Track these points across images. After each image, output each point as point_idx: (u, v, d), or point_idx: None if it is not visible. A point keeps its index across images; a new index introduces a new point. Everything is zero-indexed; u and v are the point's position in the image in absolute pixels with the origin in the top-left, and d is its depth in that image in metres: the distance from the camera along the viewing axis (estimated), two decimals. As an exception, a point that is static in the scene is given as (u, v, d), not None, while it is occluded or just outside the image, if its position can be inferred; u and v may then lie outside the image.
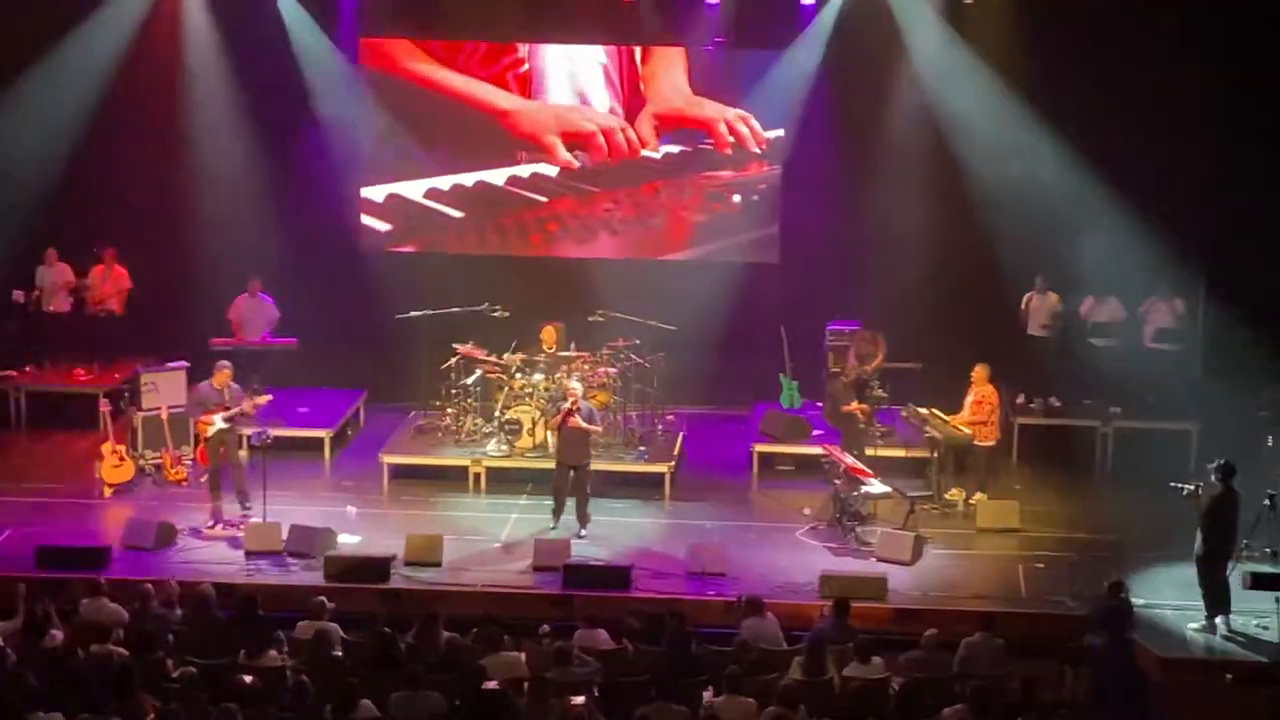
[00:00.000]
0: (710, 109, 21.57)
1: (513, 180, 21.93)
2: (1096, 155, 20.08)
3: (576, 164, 21.79)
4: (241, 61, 21.36)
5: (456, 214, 21.93)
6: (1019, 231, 20.22)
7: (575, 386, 17.69)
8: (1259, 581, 14.55)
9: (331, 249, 21.65)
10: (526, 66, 21.76)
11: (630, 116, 21.75)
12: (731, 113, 21.54)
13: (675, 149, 21.75)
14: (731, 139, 21.56)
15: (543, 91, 21.80)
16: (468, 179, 21.96)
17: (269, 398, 17.86)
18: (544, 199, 21.92)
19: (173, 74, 21.47)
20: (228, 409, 17.28)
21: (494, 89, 21.77)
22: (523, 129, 21.83)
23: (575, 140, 21.80)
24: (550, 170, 21.85)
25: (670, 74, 21.63)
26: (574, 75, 21.72)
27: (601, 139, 21.71)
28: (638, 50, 21.62)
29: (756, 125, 21.54)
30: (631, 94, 21.75)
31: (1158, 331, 20.29)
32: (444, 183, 21.98)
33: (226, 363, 17.77)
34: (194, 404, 17.67)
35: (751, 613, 14.16)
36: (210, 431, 17.34)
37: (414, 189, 22.02)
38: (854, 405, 18.74)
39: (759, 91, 21.41)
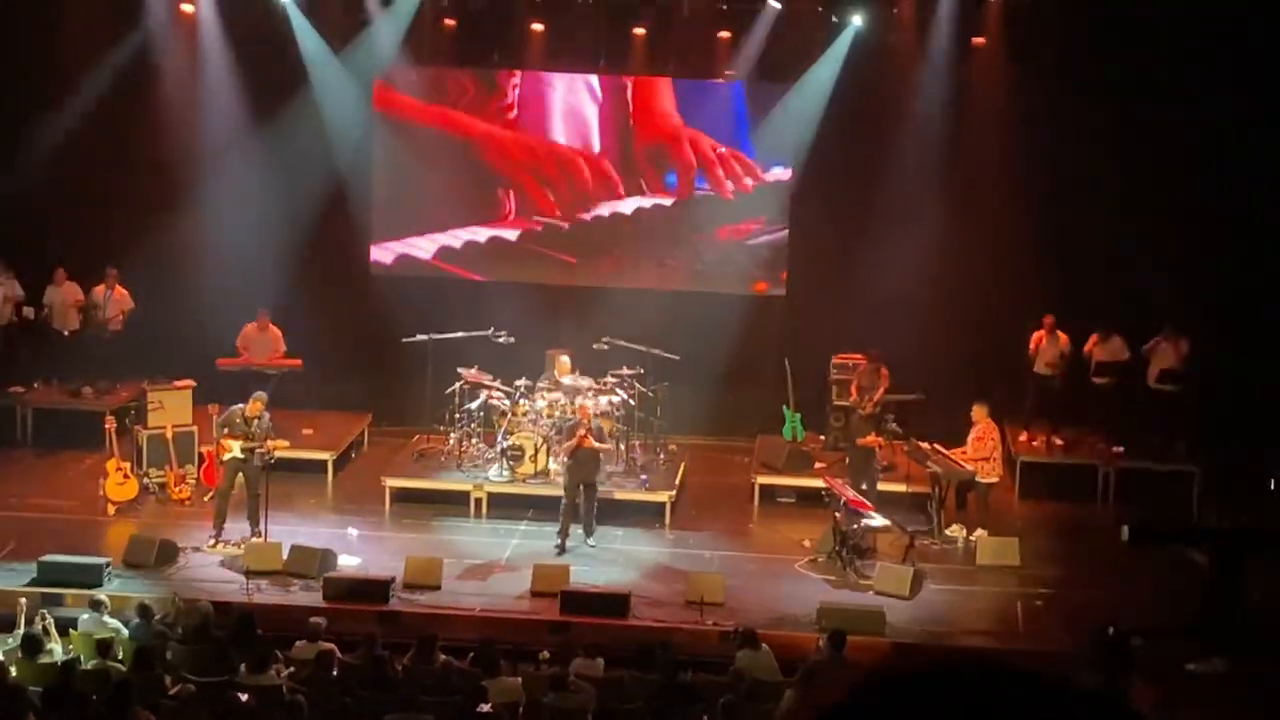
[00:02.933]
0: (704, 145, 21.66)
1: (526, 236, 21.96)
2: (1108, 191, 20.14)
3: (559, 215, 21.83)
4: (259, 91, 21.45)
5: (474, 278, 22.00)
6: (1028, 267, 20.25)
7: (588, 405, 17.85)
8: (1136, 535, 14.59)
9: (340, 271, 21.72)
10: (515, 113, 21.84)
11: (621, 149, 21.80)
12: (722, 150, 21.61)
13: (670, 200, 21.81)
14: (729, 181, 21.65)
15: (537, 131, 21.90)
16: (482, 234, 21.96)
17: (286, 445, 17.87)
18: (560, 256, 21.96)
19: (190, 100, 21.62)
20: (250, 439, 17.31)
21: (488, 125, 21.92)
22: (513, 159, 21.92)
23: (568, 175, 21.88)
24: (563, 223, 21.90)
25: (660, 105, 21.72)
26: (565, 113, 21.79)
27: (587, 170, 21.80)
28: (629, 84, 21.71)
29: (749, 162, 21.62)
30: (622, 127, 21.80)
31: (1161, 372, 20.25)
32: (456, 240, 22.00)
33: (264, 395, 17.77)
34: (221, 424, 17.70)
35: (745, 644, 14.19)
36: (226, 456, 17.39)
37: (425, 247, 22.03)
38: (870, 438, 18.78)
39: (767, 124, 21.49)
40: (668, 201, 21.83)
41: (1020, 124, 20.45)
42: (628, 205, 21.87)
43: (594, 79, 21.83)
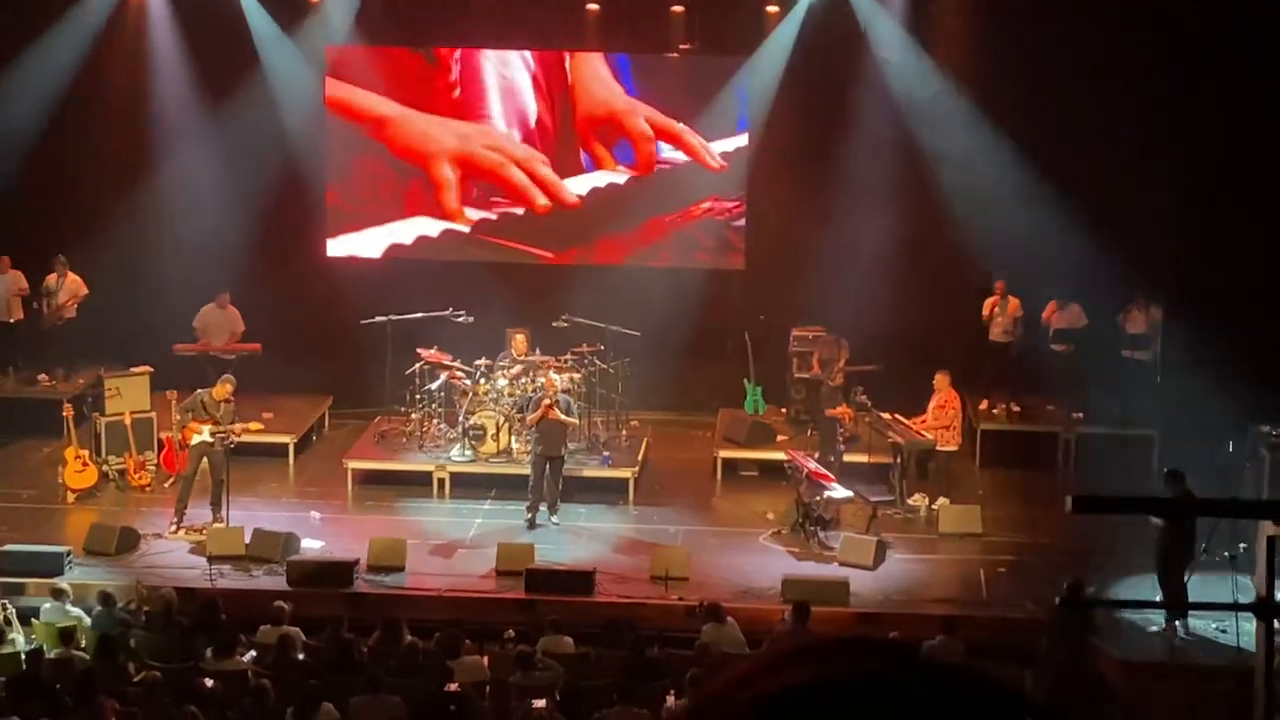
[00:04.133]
0: (657, 117, 21.48)
1: (480, 226, 21.75)
2: (1062, 161, 20.16)
3: (454, 205, 21.34)
4: (207, 71, 21.26)
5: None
6: (983, 236, 20.27)
7: (554, 379, 17.88)
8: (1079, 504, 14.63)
9: (296, 255, 21.58)
10: (459, 91, 21.64)
11: (563, 129, 21.62)
12: (678, 126, 21.47)
13: (623, 178, 21.62)
14: (686, 155, 21.47)
15: (478, 112, 21.62)
16: (434, 228, 21.77)
17: (259, 427, 17.81)
18: (516, 245, 21.73)
19: (137, 83, 21.40)
20: (218, 423, 17.21)
21: (379, 98, 21.48)
22: (401, 145, 21.50)
23: (479, 175, 21.56)
24: (516, 209, 21.67)
25: (603, 79, 21.55)
26: (506, 91, 21.58)
27: (515, 172, 21.46)
28: (566, 58, 21.55)
29: (702, 141, 21.44)
30: (563, 105, 21.52)
31: (1129, 337, 20.31)
32: (407, 235, 21.76)
33: (231, 378, 17.72)
34: (185, 409, 17.58)
35: (710, 618, 14.23)
36: (194, 440, 17.29)
37: (374, 246, 21.84)
38: (840, 409, 18.85)
39: (722, 98, 21.40)
40: (621, 179, 21.67)
41: (977, 91, 20.42)
42: (582, 184, 21.68)
43: (530, 55, 21.55)
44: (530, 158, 21.46)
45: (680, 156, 21.47)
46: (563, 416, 17.74)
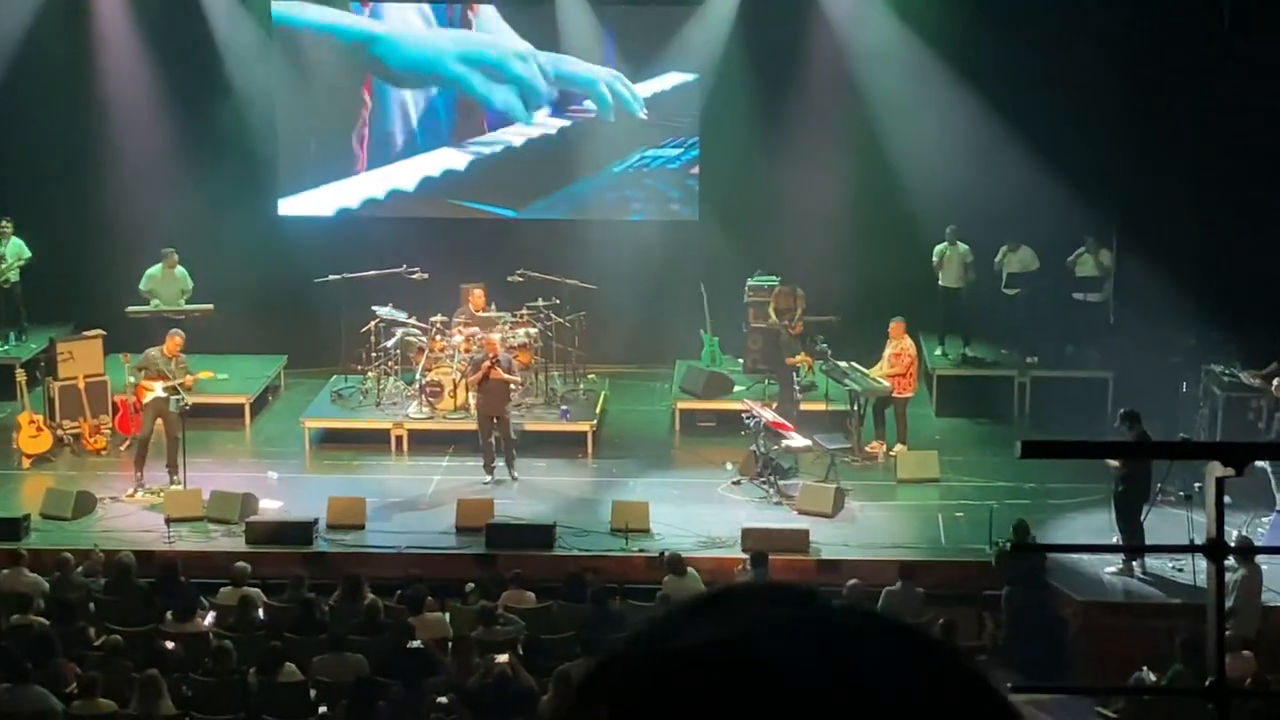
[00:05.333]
0: (584, 68, 21.38)
1: (425, 185, 21.56)
2: (1010, 106, 20.17)
3: None
4: (153, 26, 21.03)
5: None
6: (933, 183, 20.27)
7: (494, 338, 17.83)
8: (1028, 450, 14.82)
9: (247, 213, 21.40)
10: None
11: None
12: (604, 72, 21.38)
13: (563, 122, 21.52)
14: (612, 101, 21.34)
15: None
16: (379, 188, 21.52)
17: (210, 375, 17.73)
18: (462, 200, 21.67)
19: (82, 41, 21.17)
20: (170, 378, 17.12)
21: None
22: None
23: None
24: (458, 166, 21.56)
25: (507, 32, 21.42)
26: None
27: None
28: (470, 13, 21.30)
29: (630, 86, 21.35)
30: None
31: (1081, 281, 20.38)
32: (352, 198, 21.49)
33: (179, 331, 17.63)
34: (137, 367, 17.49)
35: (671, 570, 14.28)
36: (147, 398, 17.19)
37: (327, 201, 21.57)
38: (800, 358, 18.88)
39: (675, 47, 21.28)
40: (553, 129, 21.51)
41: (932, 37, 20.35)
42: (515, 136, 21.52)
43: (429, 8, 21.33)
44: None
45: (609, 103, 21.34)
46: (505, 375, 17.62)
